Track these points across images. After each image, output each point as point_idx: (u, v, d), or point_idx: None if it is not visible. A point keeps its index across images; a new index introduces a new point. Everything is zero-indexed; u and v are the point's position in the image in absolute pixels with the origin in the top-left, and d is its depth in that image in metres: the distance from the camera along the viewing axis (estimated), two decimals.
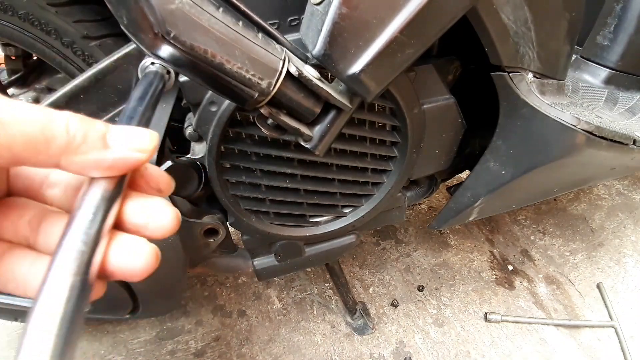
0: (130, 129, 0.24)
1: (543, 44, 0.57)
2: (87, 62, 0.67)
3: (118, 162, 0.22)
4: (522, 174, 0.66)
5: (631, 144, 0.68)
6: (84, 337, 1.01)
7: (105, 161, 0.22)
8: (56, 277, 0.20)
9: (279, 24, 0.55)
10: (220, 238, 0.69)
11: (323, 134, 0.48)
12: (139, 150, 0.23)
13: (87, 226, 0.21)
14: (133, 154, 0.23)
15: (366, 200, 0.73)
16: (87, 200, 0.22)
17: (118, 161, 0.22)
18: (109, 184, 0.23)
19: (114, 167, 0.22)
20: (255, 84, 0.38)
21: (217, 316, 1.07)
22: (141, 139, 0.23)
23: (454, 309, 1.10)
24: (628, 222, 1.33)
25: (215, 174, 0.60)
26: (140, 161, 0.23)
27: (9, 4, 0.62)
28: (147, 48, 0.34)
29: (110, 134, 0.22)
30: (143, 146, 0.23)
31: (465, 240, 1.28)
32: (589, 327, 1.07)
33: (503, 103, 0.61)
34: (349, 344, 1.02)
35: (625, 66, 0.83)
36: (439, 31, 0.45)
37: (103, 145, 0.22)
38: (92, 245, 0.21)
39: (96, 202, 0.22)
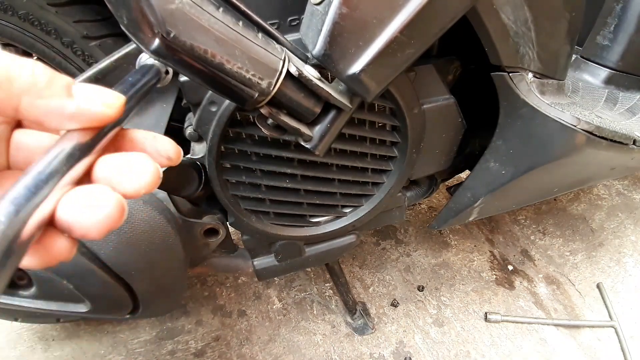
0: (96, 86, 0.23)
1: (543, 44, 0.57)
2: (87, 62, 0.67)
3: (81, 113, 0.22)
4: (522, 174, 0.66)
5: (631, 144, 0.68)
6: (83, 337, 1.01)
7: (66, 109, 0.22)
8: None
9: (279, 24, 0.55)
10: (220, 238, 0.69)
11: (323, 134, 0.48)
12: (103, 104, 0.22)
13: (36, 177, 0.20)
14: (97, 106, 0.22)
15: (366, 200, 0.73)
16: (51, 152, 0.21)
17: (81, 111, 0.22)
18: (80, 138, 0.22)
19: (77, 117, 0.22)
20: (255, 84, 0.38)
21: (217, 316, 1.07)
22: (106, 95, 0.23)
23: (454, 309, 1.10)
24: (628, 222, 1.33)
25: (215, 174, 0.60)
26: (106, 116, 0.22)
27: (9, 4, 0.62)
28: (147, 48, 0.34)
29: (76, 86, 0.22)
30: (108, 101, 0.23)
31: (465, 240, 1.28)
32: (589, 327, 1.07)
33: (503, 103, 0.61)
34: (349, 344, 1.02)
35: (625, 66, 0.83)
36: (439, 31, 0.45)
37: (67, 93, 0.22)
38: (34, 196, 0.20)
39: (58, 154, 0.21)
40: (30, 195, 0.20)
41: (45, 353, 0.98)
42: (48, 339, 1.00)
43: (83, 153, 0.22)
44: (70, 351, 0.98)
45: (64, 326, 1.02)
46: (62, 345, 0.99)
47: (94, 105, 0.22)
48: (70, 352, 0.98)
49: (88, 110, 0.22)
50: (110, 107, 0.23)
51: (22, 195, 0.20)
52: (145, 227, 0.60)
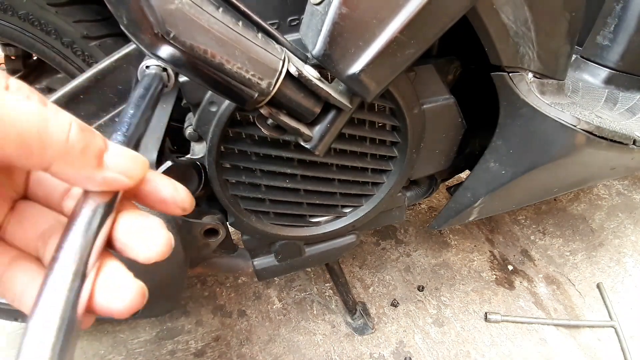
0: (127, 152, 0.23)
1: (543, 44, 0.57)
2: (87, 62, 0.67)
3: (107, 182, 0.22)
4: (522, 174, 0.66)
5: (631, 144, 0.68)
6: (84, 337, 1.01)
7: (94, 180, 0.22)
8: (46, 307, 0.20)
9: (279, 24, 0.55)
10: (220, 238, 0.69)
11: (323, 134, 0.48)
12: (128, 175, 0.23)
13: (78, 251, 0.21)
14: (121, 177, 0.22)
15: (366, 200, 0.73)
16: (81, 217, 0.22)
17: (107, 181, 0.22)
18: (104, 199, 0.23)
19: (102, 185, 0.22)
20: (255, 84, 0.38)
21: (217, 316, 1.07)
22: (134, 165, 0.23)
23: (454, 309, 1.10)
24: (628, 222, 1.33)
25: (215, 174, 0.60)
26: (126, 186, 0.23)
27: (9, 4, 0.62)
28: (147, 48, 0.34)
29: (108, 154, 0.22)
30: (133, 173, 0.23)
31: (465, 240, 1.28)
32: (589, 327, 1.07)
33: (503, 103, 0.61)
34: (349, 344, 1.02)
35: (625, 66, 0.83)
36: (439, 31, 0.45)
37: (98, 163, 0.21)
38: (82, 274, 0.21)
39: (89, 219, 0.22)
40: (79, 279, 0.21)
41: None
42: None
43: (108, 213, 0.23)
44: None
45: None
46: None
47: (120, 177, 0.22)
48: None
49: (114, 181, 0.22)
50: (132, 178, 0.23)
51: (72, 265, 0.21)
52: None
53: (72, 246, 0.21)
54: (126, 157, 0.23)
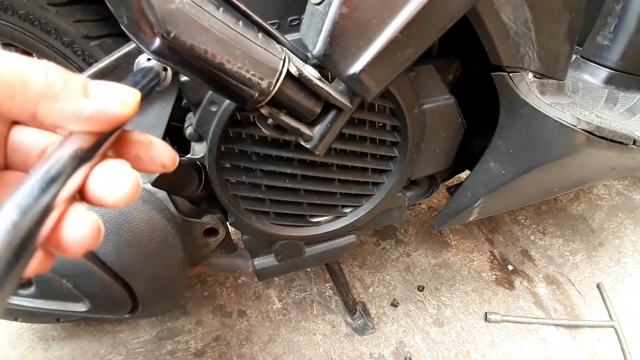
0: (111, 83, 0.22)
1: (543, 44, 0.57)
2: (87, 62, 0.67)
3: (98, 114, 0.21)
4: (522, 173, 0.66)
5: (631, 144, 0.68)
6: (83, 337, 1.01)
7: (84, 110, 0.21)
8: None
9: (279, 24, 0.55)
10: (220, 238, 0.69)
11: (323, 134, 0.48)
12: (120, 102, 0.22)
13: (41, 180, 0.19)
14: (114, 105, 0.21)
15: (366, 200, 0.73)
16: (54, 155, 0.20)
17: (98, 112, 0.21)
18: (84, 142, 0.21)
19: (94, 118, 0.21)
20: (256, 83, 0.38)
21: (217, 316, 1.07)
22: (122, 92, 0.22)
23: (454, 309, 1.10)
24: (628, 222, 1.33)
25: (216, 174, 0.60)
26: (122, 115, 0.22)
27: (9, 3, 0.62)
28: (147, 48, 0.34)
29: (91, 85, 0.22)
30: (124, 99, 0.22)
31: (465, 240, 1.28)
32: (589, 327, 1.07)
33: (503, 103, 0.61)
34: (349, 344, 1.02)
35: (625, 66, 0.83)
36: (439, 31, 0.45)
37: (83, 94, 0.21)
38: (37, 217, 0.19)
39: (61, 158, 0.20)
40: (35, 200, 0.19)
41: (45, 353, 0.98)
42: (48, 339, 1.00)
43: (87, 156, 0.22)
44: (70, 351, 0.98)
45: (64, 326, 1.02)
46: (62, 345, 0.99)
47: (111, 105, 0.21)
48: (70, 352, 0.98)
49: (105, 110, 0.21)
50: (126, 105, 0.22)
51: (27, 199, 0.19)
52: (145, 227, 0.60)
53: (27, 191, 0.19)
54: (112, 86, 0.22)
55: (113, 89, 0.22)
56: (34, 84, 0.20)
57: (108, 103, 0.21)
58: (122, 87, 0.23)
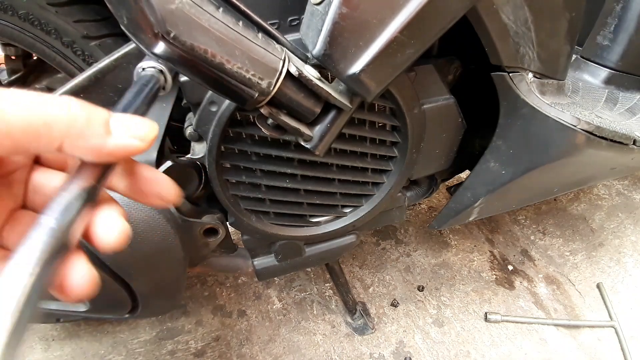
0: (131, 117, 0.24)
1: (543, 44, 0.57)
2: (87, 62, 0.67)
3: (118, 149, 0.22)
4: (522, 174, 0.66)
5: (631, 144, 0.68)
6: (83, 337, 1.01)
7: (106, 147, 0.22)
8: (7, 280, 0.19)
9: (279, 24, 0.55)
10: (220, 238, 0.69)
11: (323, 134, 0.48)
12: (139, 138, 0.23)
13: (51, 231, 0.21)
14: (134, 142, 0.23)
15: (366, 200, 0.73)
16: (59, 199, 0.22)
17: (119, 148, 0.22)
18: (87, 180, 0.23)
19: (114, 153, 0.23)
20: (256, 83, 0.38)
21: (217, 316, 1.07)
22: (142, 127, 0.23)
23: (454, 309, 1.10)
24: (628, 222, 1.33)
25: (215, 174, 0.60)
26: (139, 149, 0.23)
27: (9, 3, 0.62)
28: (147, 48, 0.34)
29: (112, 120, 0.23)
30: (143, 135, 0.23)
31: (465, 240, 1.28)
32: (589, 327, 1.07)
33: (503, 103, 0.61)
34: (349, 344, 1.02)
35: (625, 66, 0.83)
36: (439, 31, 0.45)
37: (106, 131, 0.22)
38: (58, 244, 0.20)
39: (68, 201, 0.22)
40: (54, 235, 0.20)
41: (45, 353, 0.98)
42: (48, 339, 1.00)
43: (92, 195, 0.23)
44: (70, 351, 0.98)
45: (64, 326, 1.02)
46: (62, 345, 0.99)
47: (132, 140, 0.23)
48: (70, 352, 0.98)
49: (125, 147, 0.23)
50: (144, 140, 0.23)
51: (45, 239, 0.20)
52: (145, 227, 0.60)
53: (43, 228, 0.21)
54: (133, 120, 0.23)
55: (133, 124, 0.23)
56: (58, 125, 0.20)
57: (129, 140, 0.23)
58: (141, 122, 0.24)
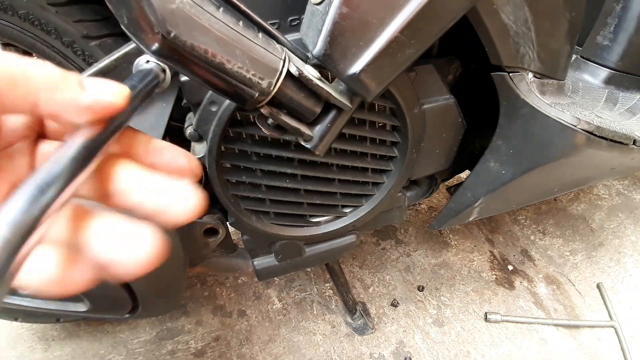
0: (102, 79, 0.25)
1: (543, 44, 0.57)
2: (87, 62, 0.67)
3: (95, 103, 0.23)
4: (522, 174, 0.66)
5: (631, 144, 0.68)
6: (83, 337, 1.01)
7: (82, 101, 0.23)
8: None
9: (279, 23, 0.55)
10: (220, 238, 0.69)
11: (323, 133, 0.48)
12: (112, 94, 0.24)
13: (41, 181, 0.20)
14: (108, 96, 0.24)
15: (366, 200, 0.73)
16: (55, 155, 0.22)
17: (95, 102, 0.23)
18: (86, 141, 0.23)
19: (91, 108, 0.23)
20: (256, 83, 0.38)
21: (217, 316, 1.07)
22: (113, 85, 0.25)
23: (454, 309, 1.10)
24: (628, 222, 1.33)
25: (216, 174, 0.60)
26: (116, 105, 0.24)
27: (9, 3, 0.62)
28: (147, 48, 0.34)
29: (85, 80, 0.24)
30: (116, 91, 0.25)
31: (465, 240, 1.28)
32: (589, 327, 1.07)
33: (503, 103, 0.61)
34: (349, 344, 1.02)
35: (625, 66, 0.83)
36: (440, 31, 0.45)
37: (80, 87, 0.23)
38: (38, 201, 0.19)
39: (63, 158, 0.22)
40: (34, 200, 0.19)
41: (45, 353, 0.98)
42: (48, 339, 1.00)
43: (88, 156, 0.23)
44: (70, 351, 0.98)
45: (64, 326, 1.02)
46: (62, 345, 0.99)
47: (105, 95, 0.24)
48: (70, 352, 0.98)
49: (100, 100, 0.24)
50: (118, 96, 0.24)
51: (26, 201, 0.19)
52: None
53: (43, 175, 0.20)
54: (104, 81, 0.25)
55: (105, 83, 0.25)
56: (35, 77, 0.22)
57: (102, 94, 0.24)
58: (112, 83, 0.25)
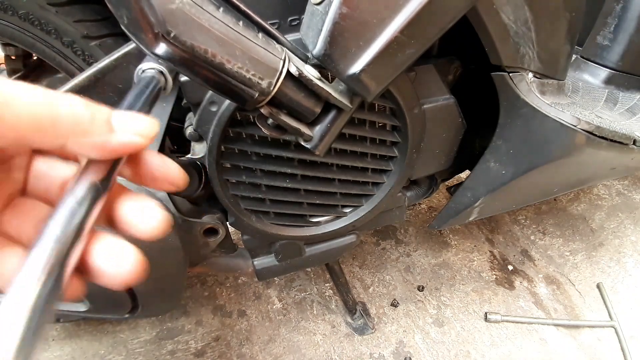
0: (132, 114, 0.25)
1: (543, 44, 0.57)
2: (87, 62, 0.67)
3: (121, 146, 0.23)
4: (522, 173, 0.66)
5: (631, 144, 0.68)
6: (83, 337, 1.01)
7: (110, 144, 0.23)
8: (27, 273, 0.20)
9: (279, 24, 0.55)
10: (220, 238, 0.69)
11: (323, 133, 0.48)
12: (140, 134, 0.24)
13: (66, 222, 0.21)
14: (135, 138, 0.24)
15: (366, 200, 0.73)
16: (72, 193, 0.22)
17: (121, 145, 0.23)
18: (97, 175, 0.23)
19: (117, 150, 0.23)
20: (256, 83, 0.38)
21: (217, 316, 1.07)
22: (143, 124, 0.24)
23: (454, 309, 1.10)
24: (628, 222, 1.33)
25: (216, 174, 0.60)
26: (142, 145, 0.24)
27: (9, 3, 0.62)
28: (147, 48, 0.34)
29: (114, 118, 0.23)
30: (145, 131, 0.24)
31: (465, 240, 1.28)
32: (589, 327, 1.07)
33: (503, 103, 0.61)
34: (349, 344, 1.02)
35: (625, 66, 0.83)
36: (440, 31, 0.45)
37: (108, 128, 0.23)
38: (70, 241, 0.21)
39: (81, 195, 0.22)
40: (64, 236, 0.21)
41: (45, 353, 0.98)
42: (48, 339, 1.00)
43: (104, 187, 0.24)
44: (70, 351, 0.98)
45: (64, 326, 1.02)
46: (62, 345, 0.99)
47: (134, 138, 0.24)
48: (70, 352, 0.98)
49: (128, 144, 0.24)
50: (146, 137, 0.24)
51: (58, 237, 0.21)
52: None
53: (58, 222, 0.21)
54: (134, 117, 0.24)
55: (135, 120, 0.24)
56: (63, 122, 0.21)
57: (131, 137, 0.24)
58: (142, 119, 0.25)
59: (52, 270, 0.20)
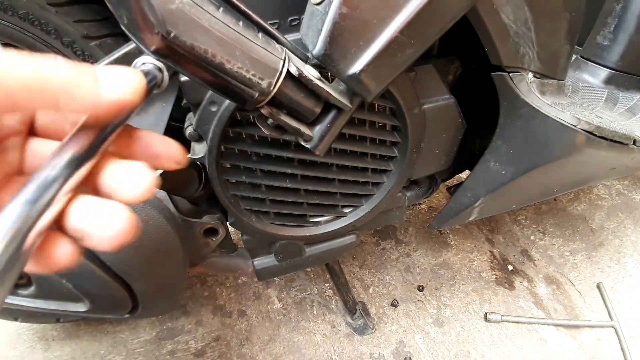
0: (115, 68, 0.24)
1: (543, 44, 0.57)
2: (87, 62, 0.67)
3: (111, 103, 0.24)
4: (522, 173, 0.66)
5: (631, 144, 0.68)
6: (83, 337, 1.01)
7: (99, 101, 0.23)
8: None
9: (279, 24, 0.55)
10: (220, 238, 0.69)
11: (323, 134, 0.48)
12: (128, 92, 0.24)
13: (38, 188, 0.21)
14: (126, 94, 0.24)
15: (366, 200, 0.73)
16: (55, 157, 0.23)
17: (111, 102, 0.23)
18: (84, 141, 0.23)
19: (108, 107, 0.24)
20: (256, 83, 0.38)
21: (217, 316, 1.07)
22: (128, 79, 0.24)
23: (454, 309, 1.10)
24: (628, 222, 1.33)
25: (216, 174, 0.60)
26: (130, 101, 0.24)
27: (9, 3, 0.62)
28: (147, 48, 0.34)
29: (98, 72, 0.24)
30: (132, 86, 0.24)
31: (465, 240, 1.28)
32: (589, 327, 1.07)
33: (503, 103, 0.61)
34: (349, 344, 1.02)
35: (625, 66, 0.83)
36: (440, 31, 0.45)
37: (95, 85, 0.23)
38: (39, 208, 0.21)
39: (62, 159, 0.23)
40: (35, 200, 0.21)
41: (45, 353, 0.98)
42: (48, 339, 1.00)
43: (87, 156, 0.24)
44: (70, 351, 0.98)
45: (64, 326, 1.02)
46: (62, 345, 0.99)
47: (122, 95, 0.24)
48: (70, 352, 0.98)
49: (118, 101, 0.24)
50: (134, 93, 0.24)
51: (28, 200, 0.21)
52: (145, 227, 0.60)
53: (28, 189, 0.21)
54: (118, 73, 0.24)
55: (119, 73, 0.24)
56: (50, 83, 0.22)
57: (120, 94, 0.24)
58: (126, 74, 0.25)
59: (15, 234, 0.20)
